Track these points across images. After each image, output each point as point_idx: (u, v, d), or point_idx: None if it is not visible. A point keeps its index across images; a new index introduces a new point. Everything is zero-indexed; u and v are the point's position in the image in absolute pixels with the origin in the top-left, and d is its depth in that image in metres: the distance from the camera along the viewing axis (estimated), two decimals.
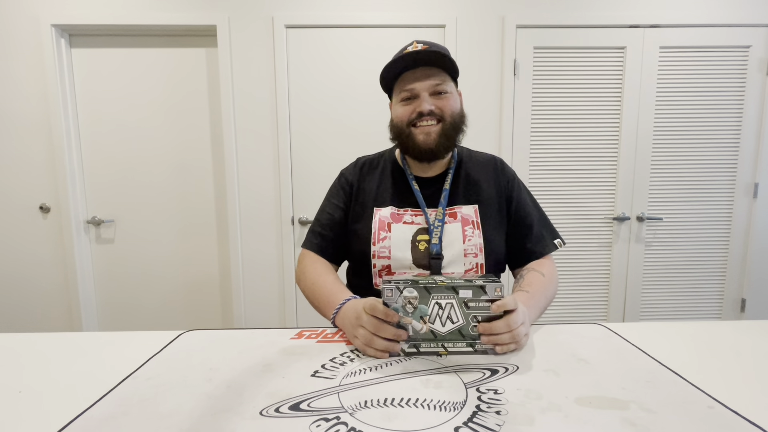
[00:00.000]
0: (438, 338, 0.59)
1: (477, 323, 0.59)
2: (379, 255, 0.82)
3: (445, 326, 0.59)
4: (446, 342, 0.59)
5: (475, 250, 0.80)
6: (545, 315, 2.07)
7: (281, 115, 1.93)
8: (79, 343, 0.63)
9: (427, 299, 0.58)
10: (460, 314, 0.59)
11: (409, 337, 0.59)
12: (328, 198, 0.93)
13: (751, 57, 1.94)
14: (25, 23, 1.86)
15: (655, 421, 0.41)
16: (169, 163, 2.02)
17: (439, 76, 0.80)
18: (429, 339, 0.59)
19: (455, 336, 0.59)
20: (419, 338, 0.59)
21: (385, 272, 0.82)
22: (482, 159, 0.93)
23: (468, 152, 0.94)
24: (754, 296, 2.07)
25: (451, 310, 0.59)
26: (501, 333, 0.59)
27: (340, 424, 0.41)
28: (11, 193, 1.96)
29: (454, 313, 0.59)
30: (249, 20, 1.89)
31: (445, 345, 0.59)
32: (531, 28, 1.91)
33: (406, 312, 0.58)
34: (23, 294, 2.03)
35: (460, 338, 0.59)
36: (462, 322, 0.59)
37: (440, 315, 0.59)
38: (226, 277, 2.09)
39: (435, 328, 0.59)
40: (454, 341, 0.59)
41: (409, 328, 0.59)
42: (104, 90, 1.97)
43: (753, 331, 0.66)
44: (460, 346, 0.59)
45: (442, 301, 0.58)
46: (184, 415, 0.43)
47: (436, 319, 0.59)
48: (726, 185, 2.01)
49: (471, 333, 0.59)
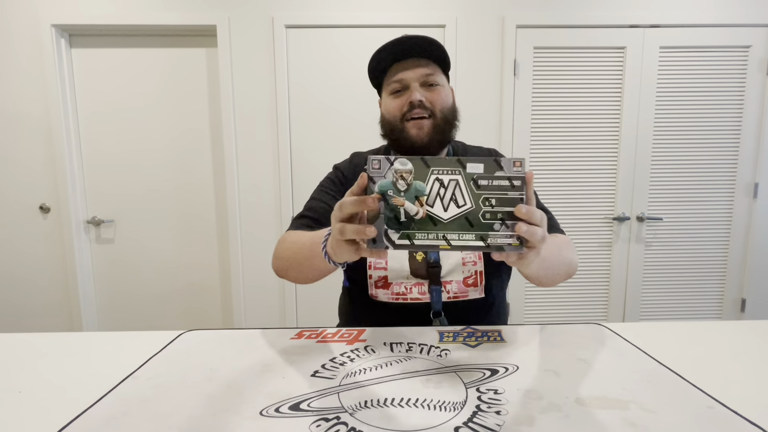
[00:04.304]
0: (438, 227, 0.46)
1: (491, 208, 0.46)
2: (375, 265, 0.78)
3: (447, 210, 0.46)
4: (449, 232, 0.46)
5: (474, 258, 0.78)
6: (545, 315, 2.08)
7: (281, 115, 1.93)
8: (79, 343, 0.63)
9: (425, 174, 0.46)
10: (467, 196, 0.46)
11: (401, 224, 0.46)
12: (322, 189, 0.86)
13: (751, 57, 1.94)
14: (25, 23, 1.86)
15: (655, 421, 0.41)
16: (169, 163, 2.02)
17: (429, 67, 0.77)
18: (426, 228, 0.46)
19: (461, 224, 0.46)
20: (414, 226, 0.46)
21: (382, 283, 0.78)
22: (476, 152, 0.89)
23: (463, 147, 0.90)
24: (754, 296, 2.07)
25: (456, 190, 0.46)
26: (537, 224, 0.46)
27: (340, 424, 0.41)
28: (11, 193, 1.96)
29: (459, 194, 0.46)
30: (249, 20, 1.89)
31: (447, 236, 0.46)
32: (531, 28, 1.91)
33: (398, 191, 0.45)
34: (23, 294, 2.03)
35: (468, 228, 0.46)
36: (470, 205, 0.46)
37: (442, 196, 0.46)
38: (226, 277, 2.09)
39: (435, 212, 0.46)
40: (460, 232, 0.46)
41: (401, 212, 0.46)
42: (104, 90, 1.98)
43: (753, 331, 0.66)
44: (467, 239, 0.46)
45: (445, 177, 0.46)
46: (184, 415, 0.43)
47: (436, 200, 0.46)
48: (726, 185, 2.01)
49: (482, 221, 0.46)
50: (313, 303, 2.05)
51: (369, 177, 0.46)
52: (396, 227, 0.46)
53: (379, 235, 0.46)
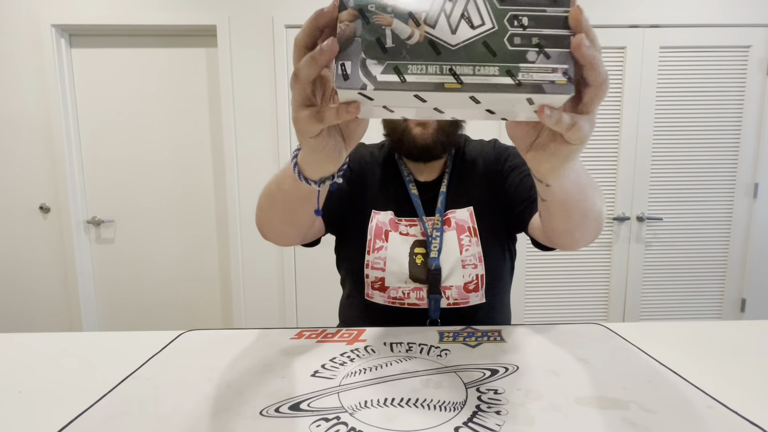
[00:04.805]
0: (443, 56, 0.30)
1: (522, 30, 0.30)
2: (373, 266, 0.74)
3: (457, 32, 0.30)
4: (459, 64, 0.30)
5: (474, 261, 0.73)
6: (545, 315, 2.08)
7: (281, 115, 1.93)
8: (79, 343, 0.63)
9: None
10: (487, 11, 0.30)
11: (386, 51, 0.30)
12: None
13: (751, 57, 1.94)
14: (25, 23, 1.86)
15: (655, 421, 0.41)
16: (169, 163, 2.03)
17: None
18: (425, 57, 0.30)
19: (477, 53, 0.30)
20: (406, 55, 0.30)
21: (378, 285, 0.74)
22: (476, 148, 0.83)
23: (466, 140, 0.85)
24: (754, 296, 2.07)
25: (469, 2, 0.31)
26: (600, 68, 0.30)
27: (340, 424, 0.41)
28: (11, 193, 1.96)
29: (474, 9, 0.30)
30: (249, 20, 1.89)
31: (456, 70, 0.30)
32: None
33: (383, 7, 0.30)
34: (23, 294, 2.03)
35: (487, 57, 0.30)
36: (490, 26, 0.30)
37: (448, 11, 0.30)
38: (226, 277, 2.09)
39: (437, 35, 0.30)
40: (476, 63, 0.30)
41: (388, 35, 0.30)
42: (104, 90, 1.98)
43: (753, 331, 0.66)
44: (486, 73, 0.30)
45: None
46: (184, 415, 0.43)
47: (439, 17, 0.30)
48: (726, 185, 2.01)
49: (508, 48, 0.30)
50: (313, 303, 2.05)
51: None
52: (379, 56, 0.30)
53: (354, 68, 0.30)
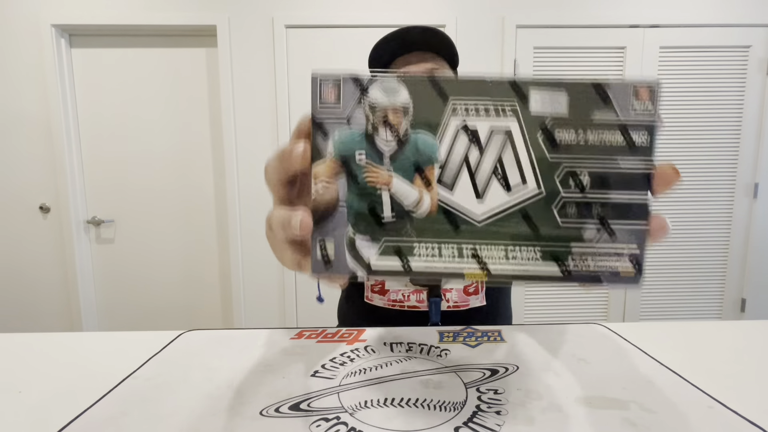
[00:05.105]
0: (464, 232, 0.22)
1: (579, 192, 0.21)
2: None
3: (484, 197, 0.22)
4: (486, 244, 0.22)
5: None
6: (545, 315, 2.08)
7: (281, 115, 1.93)
8: (79, 343, 0.63)
9: (439, 115, 0.22)
10: (530, 165, 0.22)
11: (382, 225, 0.22)
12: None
13: (751, 57, 1.94)
14: (25, 23, 1.86)
15: (655, 421, 0.41)
16: (169, 163, 2.03)
17: (435, 62, 0.69)
18: (439, 234, 0.22)
19: (513, 228, 0.22)
20: (410, 231, 0.22)
21: (378, 288, 0.71)
22: None
23: None
24: (754, 296, 2.07)
25: (504, 152, 0.22)
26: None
27: (340, 424, 0.41)
28: (11, 193, 1.97)
29: (511, 161, 0.22)
30: (249, 20, 1.89)
31: (481, 252, 0.22)
32: (531, 28, 1.92)
33: (377, 153, 0.22)
34: (23, 294, 2.03)
35: (527, 235, 0.22)
36: (535, 188, 0.22)
37: (473, 165, 0.22)
38: (226, 277, 2.09)
39: (457, 201, 0.22)
40: (510, 243, 0.22)
41: (385, 201, 0.22)
42: (104, 90, 1.98)
43: (753, 331, 0.66)
44: (524, 257, 0.22)
45: (481, 122, 0.22)
46: (184, 415, 0.43)
47: (460, 174, 0.22)
48: (726, 185, 2.01)
49: (559, 223, 0.22)
50: (313, 303, 2.05)
51: (315, 121, 0.22)
52: (373, 232, 0.22)
53: (338, 249, 0.22)
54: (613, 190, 0.21)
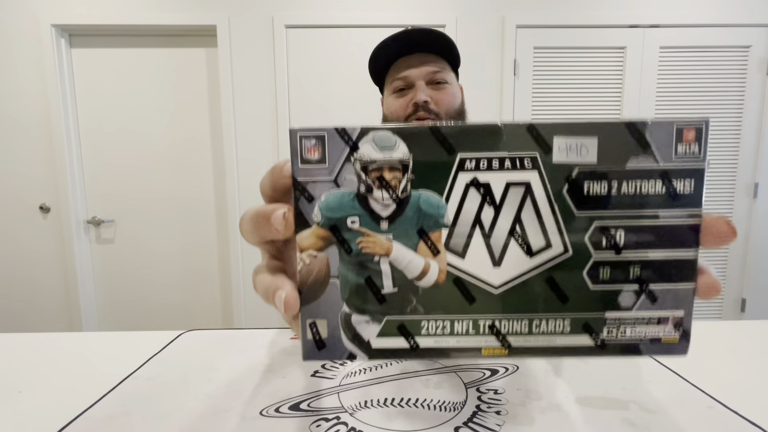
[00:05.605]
0: (479, 305, 0.19)
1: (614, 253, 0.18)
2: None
3: (503, 263, 0.18)
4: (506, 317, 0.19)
5: None
6: None
7: (281, 115, 1.93)
8: (79, 343, 0.63)
9: (447, 171, 0.18)
10: (554, 224, 0.18)
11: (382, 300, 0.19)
12: None
13: (751, 57, 1.94)
14: (25, 23, 1.86)
15: (655, 421, 0.41)
16: (169, 163, 2.03)
17: (437, 63, 0.69)
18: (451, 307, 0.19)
19: (537, 296, 0.19)
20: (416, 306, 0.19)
21: None
22: None
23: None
24: (754, 296, 2.07)
25: (524, 211, 0.18)
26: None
27: (340, 424, 0.41)
28: (11, 193, 1.96)
29: (532, 221, 0.18)
30: (249, 20, 1.89)
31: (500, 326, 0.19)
32: (531, 28, 1.92)
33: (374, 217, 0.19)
34: (23, 294, 2.03)
35: (554, 304, 0.19)
36: (561, 250, 0.18)
37: (485, 228, 0.18)
38: (226, 277, 2.09)
39: (468, 270, 0.18)
40: (534, 315, 0.19)
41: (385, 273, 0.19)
42: (104, 90, 1.98)
43: (753, 331, 0.66)
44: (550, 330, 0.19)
45: (495, 175, 0.18)
46: (184, 415, 0.43)
47: (472, 238, 0.18)
48: (726, 185, 2.01)
49: (590, 288, 0.18)
50: None
51: (297, 184, 0.19)
52: (372, 308, 0.19)
53: (331, 329, 0.19)
54: (654, 248, 0.18)
